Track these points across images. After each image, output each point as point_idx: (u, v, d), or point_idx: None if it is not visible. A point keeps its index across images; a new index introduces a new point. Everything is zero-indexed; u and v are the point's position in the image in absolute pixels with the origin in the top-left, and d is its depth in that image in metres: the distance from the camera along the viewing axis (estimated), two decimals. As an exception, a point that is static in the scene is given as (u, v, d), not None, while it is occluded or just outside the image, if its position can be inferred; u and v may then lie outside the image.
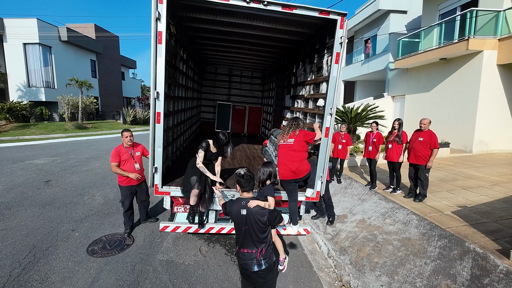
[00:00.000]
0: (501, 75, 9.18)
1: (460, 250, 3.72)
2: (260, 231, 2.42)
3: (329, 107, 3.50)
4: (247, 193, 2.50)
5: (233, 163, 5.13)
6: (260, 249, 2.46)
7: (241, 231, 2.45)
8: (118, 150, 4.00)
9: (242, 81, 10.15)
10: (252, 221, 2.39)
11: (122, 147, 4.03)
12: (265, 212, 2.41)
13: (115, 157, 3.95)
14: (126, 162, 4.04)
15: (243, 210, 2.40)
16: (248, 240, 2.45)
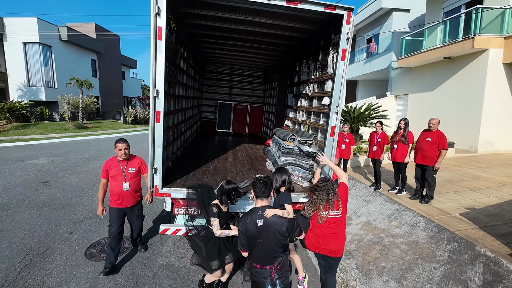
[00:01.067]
0: (507, 74, 9.03)
1: (471, 254, 3.59)
2: (278, 244, 2.17)
3: (335, 105, 3.37)
4: (262, 200, 2.26)
5: (235, 163, 5.01)
6: (275, 265, 2.22)
7: (255, 244, 2.20)
8: (108, 163, 3.29)
9: (244, 80, 10.03)
10: (269, 232, 2.14)
11: (114, 159, 3.33)
12: (284, 221, 2.15)
13: (102, 172, 3.28)
14: (114, 179, 3.27)
15: (259, 221, 2.15)
16: (263, 255, 2.21)
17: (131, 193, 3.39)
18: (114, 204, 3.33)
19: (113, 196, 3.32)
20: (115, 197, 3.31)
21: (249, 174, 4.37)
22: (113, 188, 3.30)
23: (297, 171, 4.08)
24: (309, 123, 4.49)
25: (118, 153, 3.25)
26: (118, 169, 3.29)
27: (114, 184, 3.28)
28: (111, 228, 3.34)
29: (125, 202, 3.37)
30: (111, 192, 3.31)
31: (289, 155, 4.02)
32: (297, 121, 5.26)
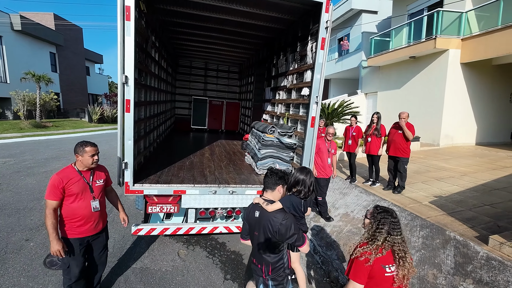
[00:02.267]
0: (464, 73, 9.79)
1: (442, 238, 3.77)
2: (268, 243, 1.97)
3: (315, 95, 3.33)
4: (266, 192, 2.08)
5: (213, 158, 4.80)
6: (265, 267, 2.03)
7: (253, 236, 2.09)
8: (62, 178, 2.28)
9: (219, 76, 9.78)
10: (262, 227, 1.99)
11: (72, 171, 2.36)
12: (278, 220, 1.91)
13: (55, 191, 2.24)
14: (79, 197, 2.36)
15: (256, 212, 2.03)
16: (256, 250, 2.07)
17: (101, 214, 2.55)
18: (76, 233, 2.38)
19: (76, 222, 2.37)
20: (79, 222, 2.38)
21: (228, 168, 4.20)
22: (77, 210, 2.35)
23: (277, 163, 4.00)
24: (288, 115, 4.44)
25: (87, 160, 2.35)
26: (82, 183, 2.37)
27: (78, 205, 2.35)
28: (73, 270, 2.42)
29: (93, 227, 2.47)
30: (72, 216, 2.35)
31: (269, 148, 3.92)
32: (275, 114, 5.19)
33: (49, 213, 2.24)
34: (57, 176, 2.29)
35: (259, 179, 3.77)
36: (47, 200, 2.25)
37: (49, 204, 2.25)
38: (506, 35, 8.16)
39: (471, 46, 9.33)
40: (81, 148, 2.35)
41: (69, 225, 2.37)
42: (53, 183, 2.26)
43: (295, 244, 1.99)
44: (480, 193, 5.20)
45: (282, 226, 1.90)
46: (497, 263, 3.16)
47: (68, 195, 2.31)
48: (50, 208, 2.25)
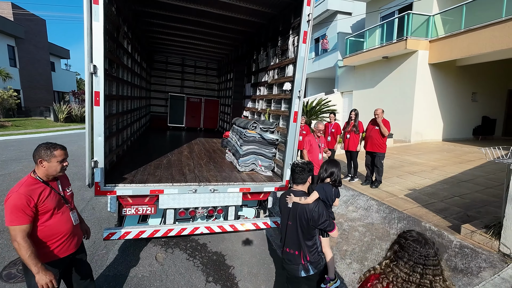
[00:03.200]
0: (432, 73, 10.38)
1: (418, 229, 3.90)
2: (304, 231, 2.19)
3: (297, 89, 3.28)
4: (297, 185, 2.33)
5: (192, 156, 4.60)
6: (303, 253, 2.23)
7: (285, 226, 2.30)
8: (29, 194, 1.80)
9: (197, 72, 9.49)
10: (296, 216, 2.20)
11: (35, 182, 1.88)
12: (311, 209, 2.15)
13: (23, 212, 1.76)
14: (56, 212, 1.95)
15: (289, 203, 2.26)
16: (291, 239, 2.26)
17: (78, 227, 2.18)
18: (59, 253, 1.97)
19: (58, 241, 1.96)
20: (62, 240, 1.98)
21: (208, 166, 4.04)
22: (57, 227, 1.94)
23: (260, 160, 3.91)
24: (270, 111, 4.36)
25: (55, 167, 1.91)
26: (54, 195, 1.94)
27: (57, 220, 1.94)
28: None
29: (74, 243, 2.09)
30: (52, 236, 1.93)
31: (251, 144, 3.82)
32: (256, 110, 5.10)
33: (22, 242, 1.71)
34: (20, 193, 1.76)
35: (241, 176, 3.65)
36: (13, 227, 1.72)
37: (19, 230, 1.72)
38: (468, 38, 8.75)
39: (437, 48, 9.90)
40: (47, 152, 1.87)
41: (48, 248, 1.91)
42: (18, 203, 1.73)
43: (326, 229, 2.22)
44: (450, 185, 5.49)
45: (316, 213, 2.13)
46: (469, 251, 3.32)
47: (42, 212, 1.85)
48: (21, 235, 1.72)
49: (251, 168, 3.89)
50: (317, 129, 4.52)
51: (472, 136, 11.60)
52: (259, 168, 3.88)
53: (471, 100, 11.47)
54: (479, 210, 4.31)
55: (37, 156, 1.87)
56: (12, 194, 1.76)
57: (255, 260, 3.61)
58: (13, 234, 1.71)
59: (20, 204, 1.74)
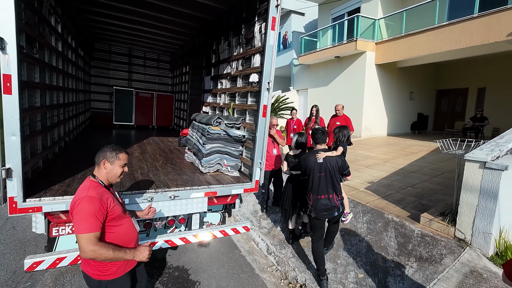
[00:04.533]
0: (378, 73, 11.22)
1: (383, 221, 4.01)
2: (336, 176, 2.94)
3: (266, 81, 3.00)
4: (321, 145, 3.04)
5: (144, 158, 3.99)
6: (335, 195, 2.97)
7: (317, 178, 2.91)
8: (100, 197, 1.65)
9: (147, 65, 8.56)
10: (328, 167, 2.89)
11: (99, 185, 1.74)
12: (339, 159, 2.97)
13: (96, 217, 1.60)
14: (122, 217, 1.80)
15: (319, 159, 2.89)
16: (324, 186, 2.91)
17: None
18: (129, 263, 1.80)
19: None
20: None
21: (165, 169, 3.51)
22: (128, 234, 1.80)
23: (225, 159, 3.54)
24: (234, 106, 4.01)
25: (117, 171, 1.79)
26: (117, 202, 1.79)
27: (126, 228, 1.79)
28: None
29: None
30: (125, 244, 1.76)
31: (216, 142, 3.43)
32: (218, 105, 4.69)
33: (98, 247, 1.54)
34: (92, 196, 1.60)
35: (206, 178, 3.24)
36: (85, 236, 1.52)
37: (93, 237, 1.54)
38: (408, 42, 9.64)
39: (382, 50, 10.73)
40: (112, 153, 1.77)
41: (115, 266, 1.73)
42: (91, 208, 1.57)
43: (346, 173, 3.10)
44: (402, 177, 5.88)
45: (343, 162, 3.03)
46: (430, 239, 3.48)
47: (111, 218, 1.69)
48: (94, 242, 1.54)
49: (216, 169, 3.50)
50: (270, 124, 4.36)
51: (410, 131, 12.94)
52: (224, 168, 3.51)
53: (409, 99, 12.77)
54: (430, 198, 4.63)
55: (102, 157, 1.76)
56: (82, 199, 1.58)
57: (224, 270, 3.25)
58: (83, 244, 1.52)
59: (93, 209, 1.58)
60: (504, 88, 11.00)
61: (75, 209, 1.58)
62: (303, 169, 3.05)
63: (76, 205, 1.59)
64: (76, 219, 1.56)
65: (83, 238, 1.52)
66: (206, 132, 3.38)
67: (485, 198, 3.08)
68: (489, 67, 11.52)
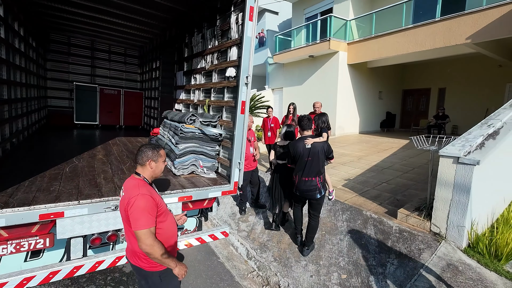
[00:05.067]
0: (350, 73, 11.53)
1: (362, 219, 4.01)
2: (322, 160, 3.18)
3: (245, 75, 2.80)
4: (307, 131, 3.25)
5: (109, 160, 3.59)
6: (319, 178, 3.19)
7: (304, 162, 3.13)
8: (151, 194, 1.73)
9: (113, 59, 7.91)
10: (315, 152, 3.10)
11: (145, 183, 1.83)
12: (325, 144, 3.21)
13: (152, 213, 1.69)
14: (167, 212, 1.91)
15: (307, 145, 3.11)
16: (311, 169, 3.12)
17: None
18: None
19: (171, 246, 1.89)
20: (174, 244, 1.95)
21: (133, 171, 3.16)
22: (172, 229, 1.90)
23: (201, 160, 3.28)
24: (210, 102, 3.75)
25: (161, 167, 1.93)
26: (161, 198, 1.89)
27: (169, 223, 1.88)
28: None
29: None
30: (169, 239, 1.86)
31: (190, 141, 3.16)
32: (192, 102, 4.39)
33: (156, 242, 1.65)
34: (145, 194, 1.70)
35: (179, 181, 2.96)
36: (144, 231, 1.62)
37: (150, 233, 1.65)
38: (378, 43, 10.00)
39: (354, 50, 11.03)
40: (154, 152, 1.87)
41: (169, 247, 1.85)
42: (147, 205, 1.68)
43: (331, 157, 3.35)
44: (376, 173, 6.02)
45: (328, 146, 3.25)
46: (407, 234, 3.53)
47: (160, 214, 1.79)
48: (152, 237, 1.65)
49: (191, 171, 3.23)
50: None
51: (380, 129, 13.52)
52: (200, 169, 3.25)
53: (378, 98, 13.33)
54: (404, 194, 4.76)
55: (145, 158, 1.84)
56: (136, 197, 1.67)
57: (201, 281, 3.00)
58: (143, 238, 1.62)
59: (149, 205, 1.68)
60: (461, 89, 11.91)
61: (131, 207, 1.64)
62: (291, 154, 3.22)
63: (131, 203, 1.65)
64: (134, 216, 1.63)
65: (143, 233, 1.61)
66: (179, 131, 3.10)
67: (459, 192, 3.17)
68: (448, 69, 12.40)
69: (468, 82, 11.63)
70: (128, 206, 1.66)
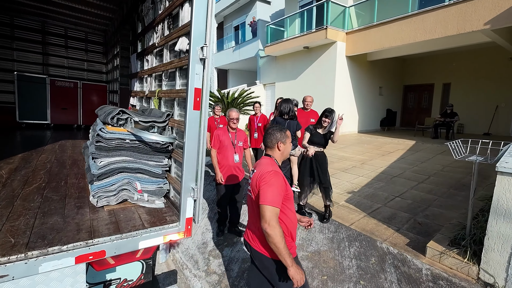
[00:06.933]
0: (348, 66, 10.46)
1: (376, 254, 2.93)
2: None
3: (198, 45, 1.66)
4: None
5: (12, 176, 2.41)
6: None
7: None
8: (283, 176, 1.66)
9: (70, 46, 6.64)
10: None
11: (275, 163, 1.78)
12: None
13: (281, 192, 1.61)
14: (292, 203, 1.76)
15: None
16: None
17: None
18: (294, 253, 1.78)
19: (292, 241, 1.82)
20: (294, 238, 1.88)
21: (28, 201, 2.00)
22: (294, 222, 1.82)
23: (139, 181, 2.13)
24: (161, 93, 2.59)
25: (289, 148, 1.86)
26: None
27: (294, 214, 1.81)
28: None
29: None
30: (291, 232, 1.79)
31: (118, 153, 2.00)
32: (144, 95, 3.21)
33: (278, 227, 1.52)
34: (279, 172, 1.67)
35: (95, 220, 1.82)
36: (271, 209, 1.53)
37: (276, 214, 1.55)
38: (380, 31, 8.94)
39: (353, 40, 9.95)
40: (281, 133, 1.81)
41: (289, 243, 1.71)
42: (280, 183, 1.63)
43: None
44: (385, 183, 4.96)
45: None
46: (445, 283, 2.45)
47: (286, 198, 1.69)
48: (276, 219, 1.54)
49: (122, 199, 2.08)
50: (230, 119, 3.11)
51: (379, 128, 12.52)
52: (138, 196, 2.10)
53: (379, 94, 12.31)
54: (426, 214, 3.70)
55: (274, 140, 1.81)
56: (270, 172, 1.63)
57: None
58: (268, 215, 1.52)
59: (280, 184, 1.63)
60: (467, 84, 10.96)
61: (263, 179, 1.61)
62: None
63: (264, 176, 1.62)
64: (265, 189, 1.58)
65: (269, 210, 1.53)
66: (96, 138, 1.94)
67: (530, 228, 2.10)
68: (453, 63, 11.44)
69: (476, 76, 10.67)
70: (260, 179, 1.62)
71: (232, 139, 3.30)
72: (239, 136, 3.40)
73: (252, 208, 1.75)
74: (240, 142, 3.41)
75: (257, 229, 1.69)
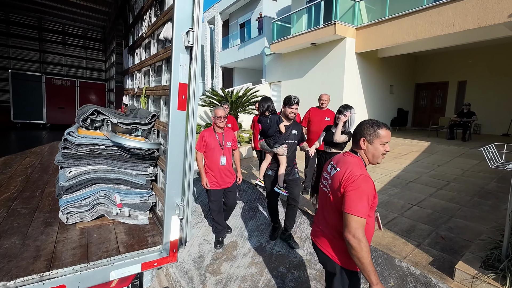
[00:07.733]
0: (358, 63, 10.00)
1: (395, 275, 2.56)
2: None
3: (183, 31, 1.33)
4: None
5: None
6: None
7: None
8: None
9: (68, 43, 6.42)
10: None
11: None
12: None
13: (369, 200, 1.43)
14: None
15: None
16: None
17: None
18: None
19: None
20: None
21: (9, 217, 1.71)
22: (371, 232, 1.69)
23: (118, 193, 1.81)
24: (148, 91, 2.27)
25: (379, 152, 1.56)
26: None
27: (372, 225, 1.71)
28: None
29: None
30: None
31: (88, 162, 1.69)
32: (134, 93, 2.90)
33: (364, 241, 1.35)
34: (369, 177, 1.50)
35: (62, 243, 1.51)
36: (358, 219, 1.36)
37: (362, 224, 1.39)
38: (392, 26, 8.46)
39: (363, 36, 9.49)
40: (370, 129, 1.53)
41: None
42: (369, 191, 1.46)
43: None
44: (400, 189, 4.56)
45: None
46: (481, 316, 2.07)
47: (372, 207, 1.54)
48: (362, 232, 1.37)
49: (98, 214, 1.77)
50: (216, 117, 2.81)
51: (390, 128, 12.00)
52: (118, 210, 1.79)
53: (389, 93, 11.80)
54: (449, 226, 3.30)
55: (359, 135, 1.58)
56: (360, 176, 1.42)
57: None
58: (354, 226, 1.36)
59: (370, 192, 1.43)
60: (485, 82, 10.36)
61: (352, 184, 1.41)
62: None
63: (353, 179, 1.42)
64: (352, 197, 1.40)
65: (355, 220, 1.36)
66: (62, 143, 1.63)
67: None
68: (469, 59, 10.85)
69: (494, 74, 10.07)
70: (347, 183, 1.42)
71: (219, 140, 2.98)
72: (227, 136, 3.08)
73: (326, 207, 1.59)
74: (229, 143, 3.10)
75: (326, 229, 1.58)
